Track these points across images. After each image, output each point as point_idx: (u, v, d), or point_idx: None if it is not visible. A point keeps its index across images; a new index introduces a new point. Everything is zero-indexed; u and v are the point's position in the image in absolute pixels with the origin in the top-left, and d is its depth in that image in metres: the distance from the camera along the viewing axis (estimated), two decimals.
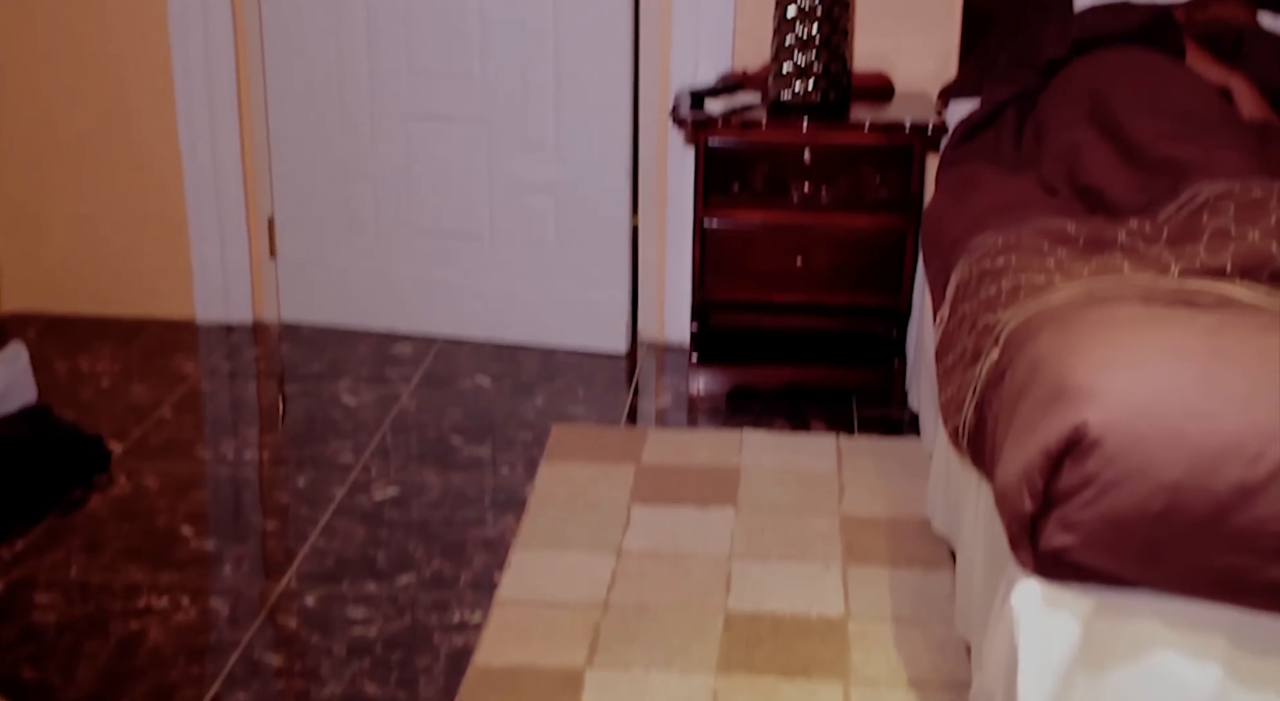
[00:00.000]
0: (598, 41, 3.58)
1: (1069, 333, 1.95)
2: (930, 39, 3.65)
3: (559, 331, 3.82)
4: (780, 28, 3.39)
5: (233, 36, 3.78)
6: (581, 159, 3.68)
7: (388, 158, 3.81)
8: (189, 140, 3.85)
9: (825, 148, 3.37)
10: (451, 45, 3.68)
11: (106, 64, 3.83)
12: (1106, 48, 2.85)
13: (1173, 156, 2.46)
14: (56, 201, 3.96)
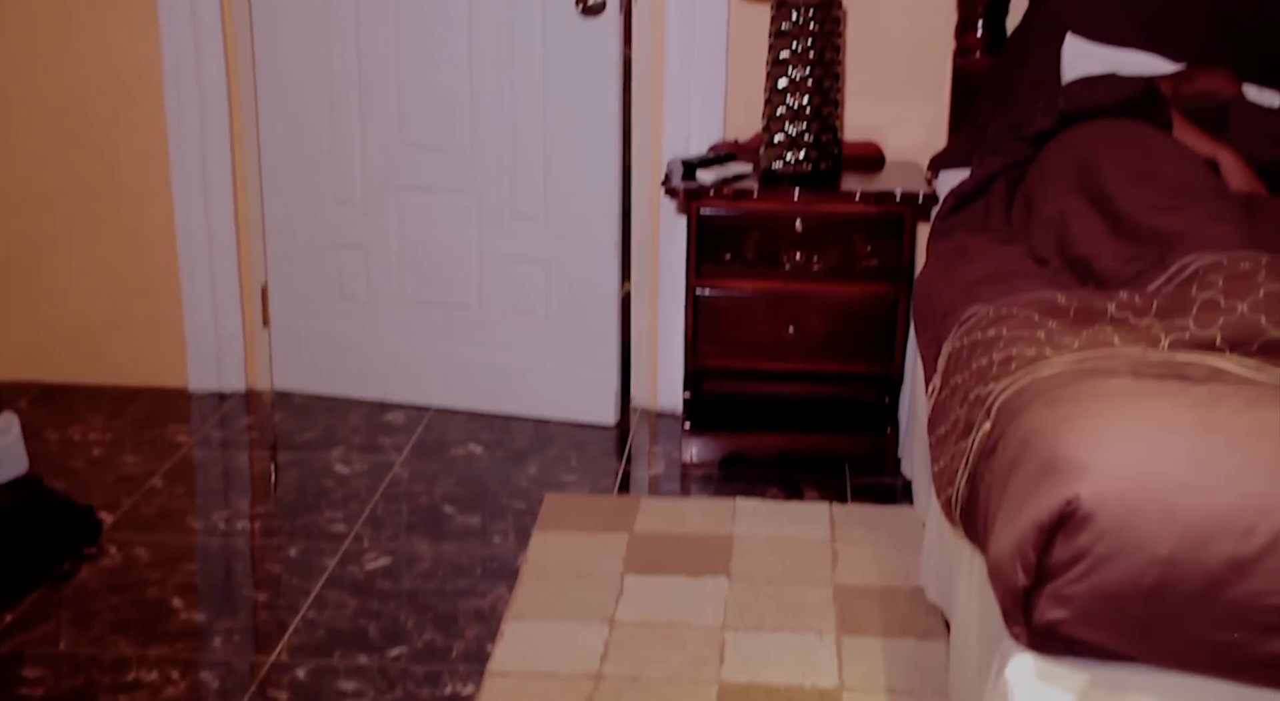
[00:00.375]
0: (586, 117, 3.61)
1: (1060, 405, 1.95)
2: (920, 109, 3.69)
3: (548, 403, 3.81)
4: (772, 98, 3.42)
5: (227, 107, 3.80)
6: (570, 231, 3.70)
7: (379, 228, 3.82)
8: (183, 209, 3.86)
9: (817, 217, 3.39)
10: (442, 119, 3.71)
11: (100, 133, 3.85)
12: (1094, 119, 2.87)
13: (1161, 228, 2.48)
14: (50, 270, 3.97)
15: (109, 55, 3.80)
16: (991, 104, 3.42)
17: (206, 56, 3.75)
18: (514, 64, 3.61)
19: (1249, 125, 2.92)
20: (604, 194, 3.66)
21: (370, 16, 3.67)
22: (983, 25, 3.53)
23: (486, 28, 3.60)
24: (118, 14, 3.77)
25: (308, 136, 3.80)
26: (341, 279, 3.89)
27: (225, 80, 3.78)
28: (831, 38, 3.39)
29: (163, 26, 3.73)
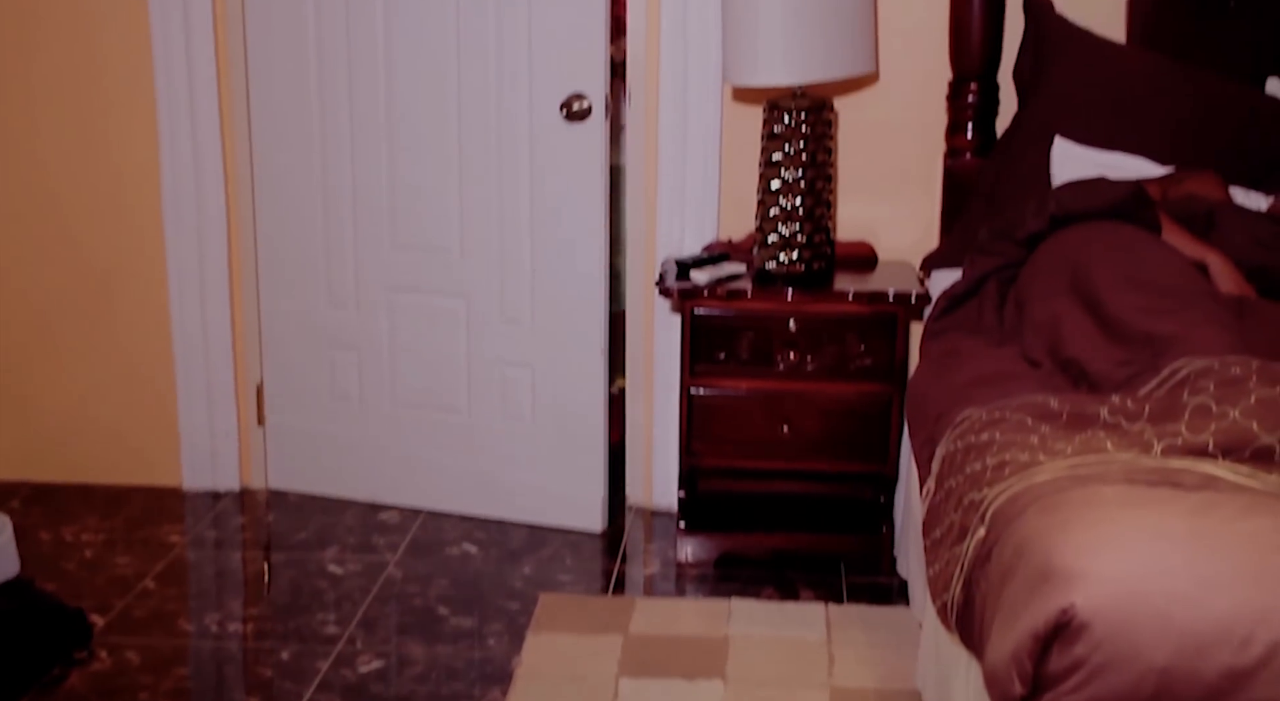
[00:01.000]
0: (572, 221, 3.62)
1: (1055, 512, 1.95)
2: (912, 209, 3.72)
3: (537, 509, 3.79)
4: (765, 199, 3.45)
5: (224, 209, 3.83)
6: (557, 335, 3.69)
7: (371, 329, 3.84)
8: (179, 308, 3.88)
9: (810, 316, 3.41)
10: (432, 222, 3.73)
11: (98, 231, 3.88)
12: (1085, 222, 2.90)
13: (1153, 331, 2.49)
14: (45, 368, 3.98)
15: (107, 157, 3.84)
16: (982, 205, 3.46)
17: (204, 160, 3.79)
18: (501, 169, 3.64)
19: (1237, 228, 2.94)
20: (590, 298, 3.66)
21: (364, 122, 3.71)
22: (972, 128, 3.57)
23: (474, 133, 3.64)
24: (116, 116, 3.81)
25: (303, 238, 3.82)
26: (334, 379, 3.90)
27: (223, 183, 3.82)
28: (823, 140, 3.43)
29: (161, 130, 3.77)
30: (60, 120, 3.83)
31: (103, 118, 3.82)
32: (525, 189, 3.64)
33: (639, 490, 3.93)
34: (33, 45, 3.79)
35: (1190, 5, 3.49)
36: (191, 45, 3.72)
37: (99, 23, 3.76)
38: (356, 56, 3.67)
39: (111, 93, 3.80)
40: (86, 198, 3.87)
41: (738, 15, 3.32)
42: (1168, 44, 3.48)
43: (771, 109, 3.41)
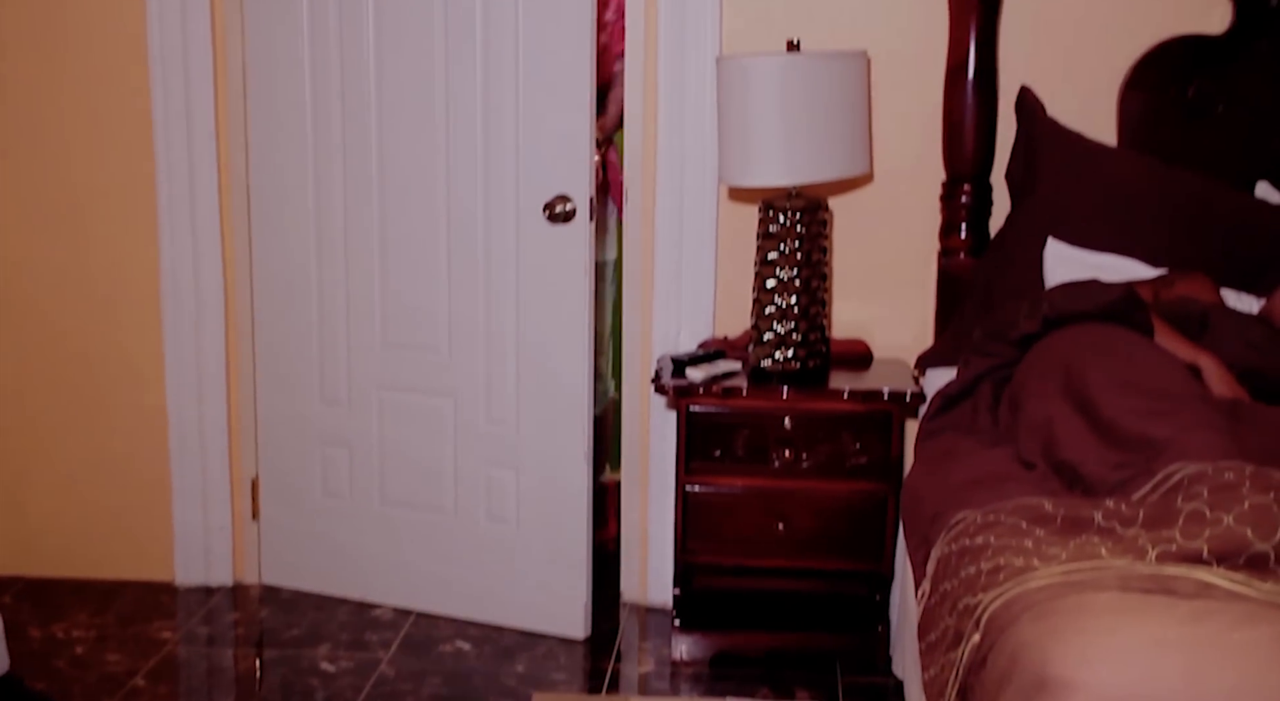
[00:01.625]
0: (556, 323, 3.59)
1: (1049, 619, 1.95)
2: (907, 308, 3.74)
3: (520, 613, 3.74)
4: (760, 298, 3.48)
5: (223, 303, 3.86)
6: (542, 439, 3.66)
7: (362, 427, 3.83)
8: (176, 403, 3.89)
9: (805, 415, 3.42)
10: (421, 322, 3.72)
11: (95, 326, 3.90)
12: (1078, 324, 2.92)
13: (1146, 435, 2.50)
14: (40, 462, 3.98)
15: (107, 253, 3.87)
16: (976, 304, 3.48)
17: (203, 257, 3.83)
18: (487, 270, 3.63)
19: (1229, 331, 2.96)
20: (574, 401, 3.62)
21: (357, 223, 3.73)
22: (966, 228, 3.60)
23: (461, 235, 3.64)
24: (116, 212, 3.85)
25: (298, 335, 3.84)
26: (326, 476, 3.89)
27: (221, 279, 3.84)
28: (818, 239, 3.46)
29: (161, 225, 3.81)
30: (59, 213, 3.87)
31: (102, 213, 3.85)
32: (511, 290, 3.62)
33: (634, 586, 3.91)
34: (33, 138, 3.83)
35: (1180, 109, 3.54)
36: (193, 144, 3.77)
37: (101, 116, 3.81)
38: (351, 164, 3.71)
39: (112, 189, 3.84)
40: (85, 292, 3.89)
41: (733, 117, 3.36)
42: (1158, 147, 3.52)
43: (767, 209, 3.44)
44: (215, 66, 3.75)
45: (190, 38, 3.72)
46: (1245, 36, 3.51)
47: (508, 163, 3.57)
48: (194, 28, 3.72)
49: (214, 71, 3.75)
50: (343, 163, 3.71)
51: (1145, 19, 3.56)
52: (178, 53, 3.72)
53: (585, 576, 3.70)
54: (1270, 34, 3.49)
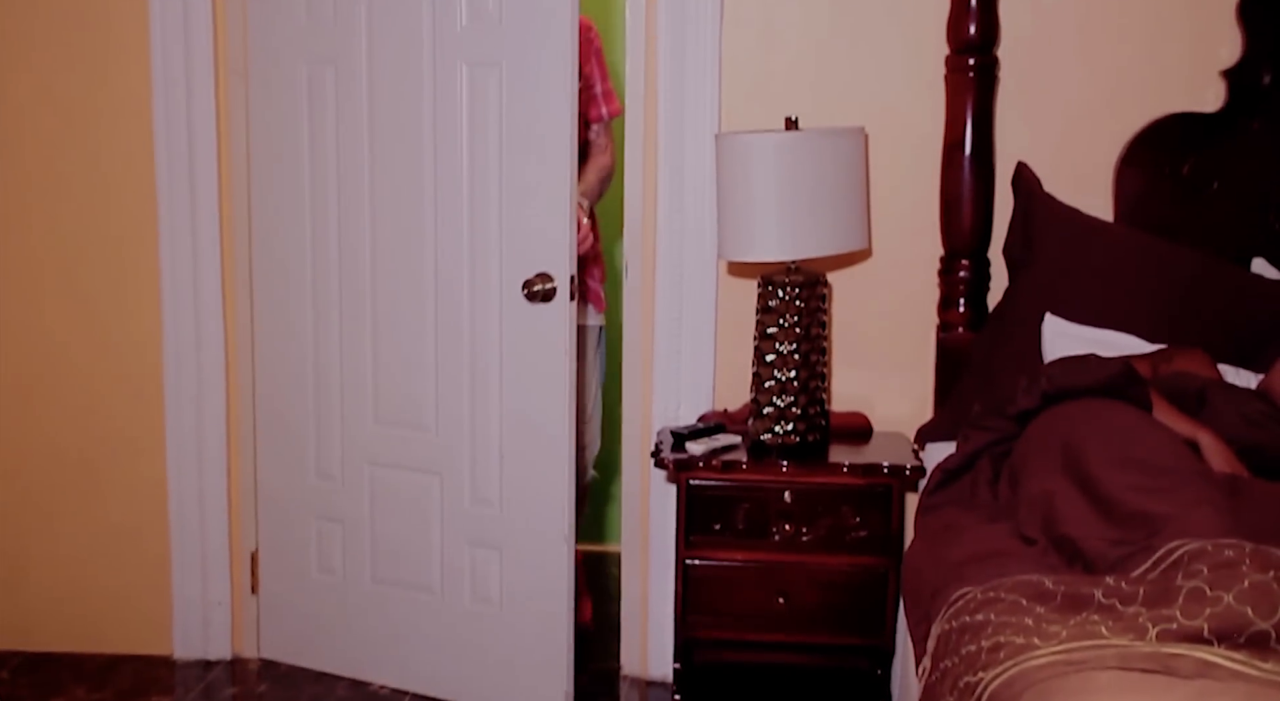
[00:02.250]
0: (538, 402, 3.54)
1: (1050, 699, 1.95)
2: (906, 381, 3.76)
3: (507, 696, 3.68)
4: (759, 372, 3.49)
5: (224, 377, 3.87)
6: (524, 520, 3.61)
7: (355, 503, 3.81)
8: (177, 476, 3.90)
9: (805, 488, 3.42)
10: (409, 398, 3.69)
11: (98, 402, 3.92)
12: (1076, 399, 2.93)
13: (1146, 511, 2.50)
14: (39, 536, 3.97)
15: (110, 327, 3.89)
16: (975, 378, 3.49)
17: (207, 332, 3.86)
18: (472, 348, 3.59)
19: (1227, 406, 2.97)
20: (556, 482, 3.54)
21: (351, 301, 3.72)
22: (964, 302, 3.62)
23: (448, 313, 3.61)
24: (120, 287, 3.88)
25: (295, 410, 3.83)
26: (320, 551, 3.87)
27: (223, 354, 3.87)
28: (818, 314, 3.48)
29: (164, 300, 3.83)
30: (61, 286, 3.90)
31: (105, 287, 3.88)
32: (494, 369, 3.57)
33: (634, 660, 3.90)
34: (37, 214, 3.87)
35: (1176, 186, 3.57)
36: (197, 224, 3.81)
37: (108, 195, 3.84)
38: (346, 246, 3.70)
39: (115, 263, 3.87)
40: (87, 366, 3.91)
41: (732, 193, 3.39)
42: (1155, 223, 3.56)
43: (766, 284, 3.46)
44: (219, 155, 3.79)
45: (195, 130, 3.78)
46: (1239, 115, 3.55)
47: (491, 239, 3.53)
48: (199, 119, 3.78)
49: (218, 159, 3.79)
50: (338, 245, 3.72)
51: (1140, 97, 3.61)
52: (182, 142, 3.78)
53: (565, 663, 3.61)
54: (1263, 113, 3.54)
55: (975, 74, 3.55)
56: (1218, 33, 3.58)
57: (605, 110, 4.01)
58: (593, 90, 3.95)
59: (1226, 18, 3.56)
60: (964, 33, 3.54)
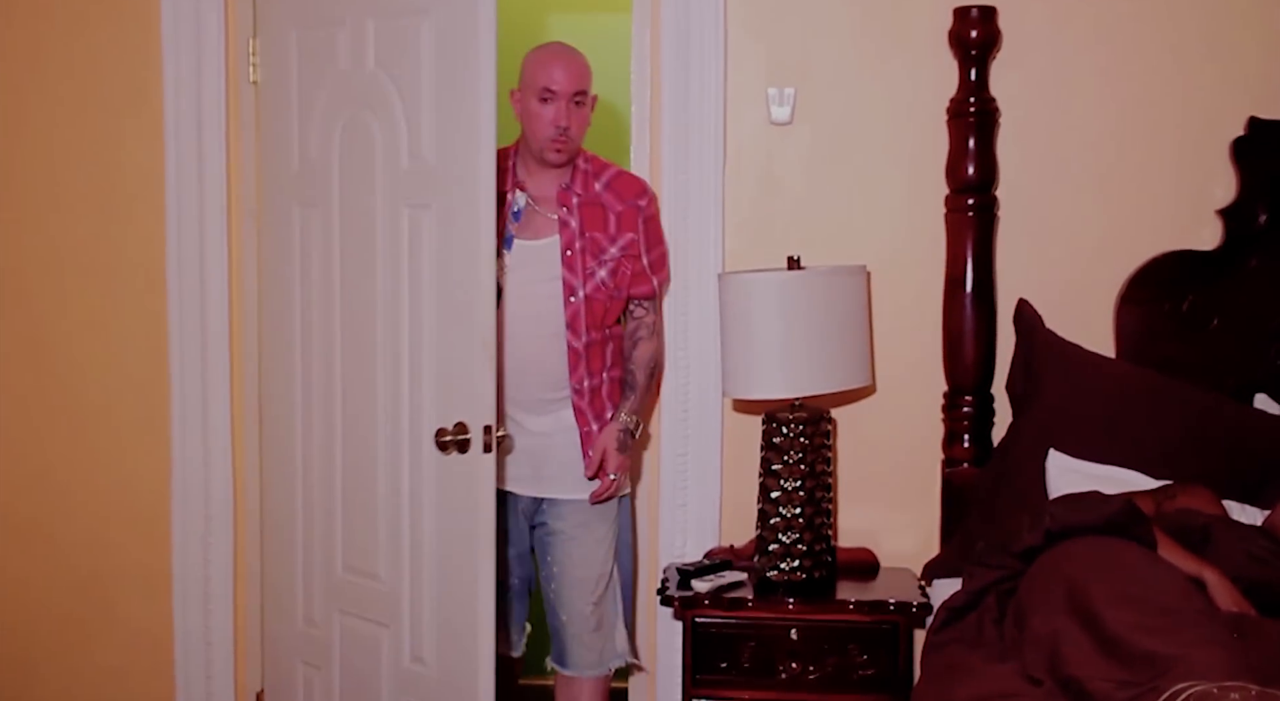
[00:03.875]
0: (461, 560, 3.25)
1: None
2: (912, 516, 3.76)
3: None
4: (765, 508, 3.50)
5: (232, 518, 3.88)
6: (452, 683, 3.31)
7: (328, 649, 3.63)
8: (182, 617, 3.89)
9: (812, 626, 3.41)
10: (362, 548, 3.50)
11: (103, 539, 3.93)
12: (1081, 537, 2.92)
13: (1151, 651, 2.49)
14: (40, 676, 3.95)
15: (117, 464, 3.91)
16: (980, 514, 3.49)
17: (213, 469, 3.88)
18: (407, 498, 3.37)
19: (1232, 544, 2.96)
20: (479, 644, 3.20)
21: (322, 453, 3.60)
22: (969, 439, 3.64)
23: (385, 460, 3.41)
24: (127, 426, 3.91)
25: (290, 554, 3.72)
26: (306, 696, 3.72)
27: (231, 493, 3.89)
28: (822, 450, 3.49)
29: (174, 441, 3.86)
30: (67, 427, 3.93)
31: (112, 424, 3.90)
32: (420, 520, 3.34)
33: None
34: (43, 351, 3.91)
35: (1176, 322, 3.61)
36: (208, 368, 3.85)
37: (121, 329, 3.88)
38: (318, 386, 3.59)
39: (121, 401, 3.90)
40: (93, 505, 3.92)
41: (735, 332, 3.44)
42: (1156, 359, 3.58)
43: (770, 421, 3.48)
44: (230, 293, 3.86)
45: (206, 266, 3.84)
46: (1236, 253, 3.60)
47: (417, 387, 3.31)
48: (211, 254, 3.84)
49: (229, 299, 3.86)
50: (316, 384, 3.62)
51: (1138, 234, 3.66)
52: (194, 276, 3.83)
53: None
54: (1260, 251, 3.59)
55: (974, 213, 3.61)
56: (1213, 172, 3.65)
57: (655, 282, 3.53)
58: (639, 261, 3.48)
59: (1221, 158, 3.62)
60: (962, 173, 3.61)
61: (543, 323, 3.43)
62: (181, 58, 3.77)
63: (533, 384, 3.46)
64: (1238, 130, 3.60)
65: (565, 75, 3.33)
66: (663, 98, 3.73)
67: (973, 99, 3.61)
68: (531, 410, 3.48)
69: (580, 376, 3.44)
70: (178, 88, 3.78)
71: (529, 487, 3.53)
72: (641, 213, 3.48)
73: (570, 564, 3.50)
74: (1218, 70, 3.65)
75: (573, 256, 3.41)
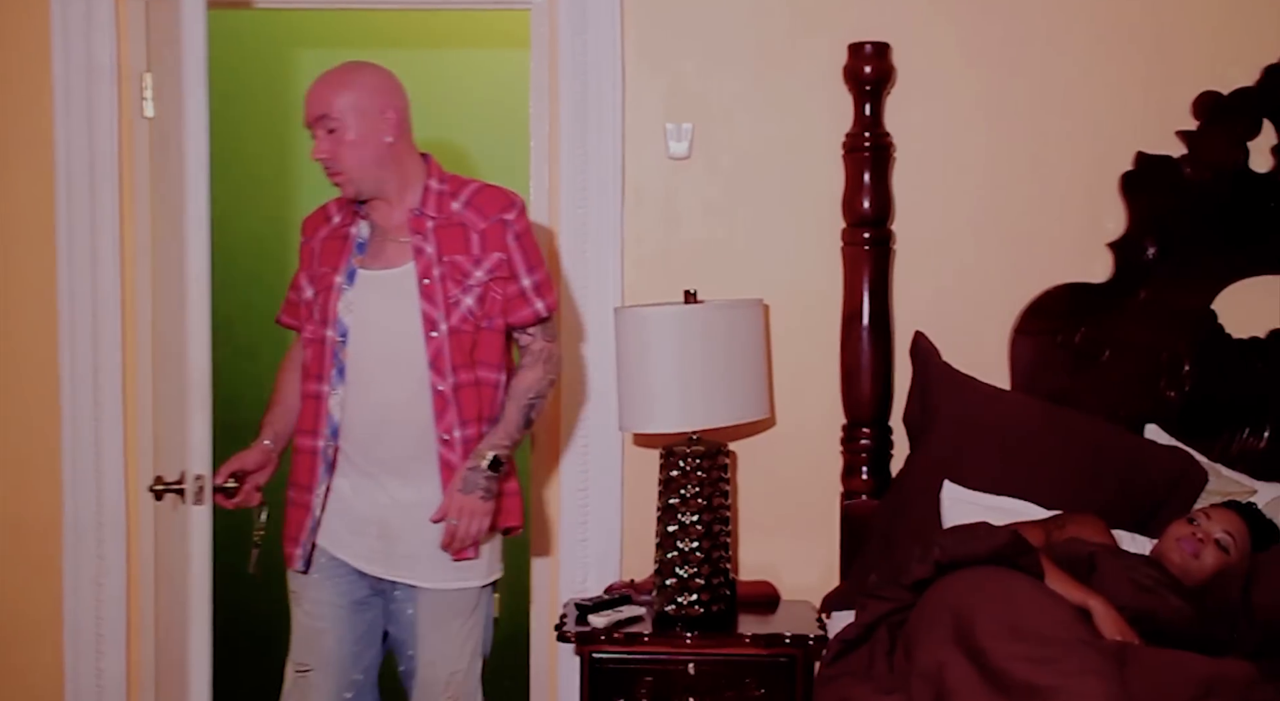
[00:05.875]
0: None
1: None
2: (812, 549, 3.76)
3: None
4: (662, 543, 3.48)
5: (125, 558, 3.82)
6: None
7: None
8: (73, 658, 3.81)
9: (709, 660, 3.39)
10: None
11: None
12: (970, 568, 2.93)
13: (1032, 682, 2.50)
14: None
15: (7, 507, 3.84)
16: (878, 546, 3.50)
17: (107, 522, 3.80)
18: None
19: (1117, 572, 2.98)
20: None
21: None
22: (867, 471, 3.66)
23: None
24: (15, 463, 3.84)
25: None
26: None
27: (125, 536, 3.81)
28: (720, 483, 3.49)
29: (65, 479, 3.79)
30: None
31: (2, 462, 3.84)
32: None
33: None
34: None
35: (1069, 354, 3.65)
36: (99, 403, 3.78)
37: (15, 379, 3.82)
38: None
39: (16, 436, 3.83)
40: None
41: (631, 365, 3.43)
42: (1050, 390, 3.62)
43: (667, 455, 3.48)
44: (124, 348, 3.78)
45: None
46: (1126, 285, 3.65)
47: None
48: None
49: (122, 348, 3.78)
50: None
51: (1031, 267, 3.70)
52: (87, 322, 3.77)
53: None
54: (1149, 283, 3.64)
55: (871, 247, 3.64)
56: (1104, 206, 3.70)
57: (540, 306, 3.07)
58: (514, 283, 3.05)
59: (1111, 192, 3.68)
60: (858, 207, 3.64)
61: (401, 364, 2.99)
62: (72, 92, 3.72)
63: (395, 437, 3.01)
64: (1127, 165, 3.66)
65: (307, 105, 3.00)
66: (561, 132, 3.73)
67: (868, 134, 3.64)
68: (396, 472, 3.03)
69: (449, 424, 2.98)
70: (68, 122, 3.72)
71: (377, 566, 3.06)
72: (510, 228, 3.04)
73: (426, 662, 3.08)
74: (1108, 106, 3.71)
75: (431, 285, 2.98)
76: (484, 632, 3.15)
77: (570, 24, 3.70)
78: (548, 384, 3.10)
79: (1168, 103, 3.68)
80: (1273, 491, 3.45)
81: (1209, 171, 3.63)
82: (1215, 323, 3.64)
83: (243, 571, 3.15)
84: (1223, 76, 3.66)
